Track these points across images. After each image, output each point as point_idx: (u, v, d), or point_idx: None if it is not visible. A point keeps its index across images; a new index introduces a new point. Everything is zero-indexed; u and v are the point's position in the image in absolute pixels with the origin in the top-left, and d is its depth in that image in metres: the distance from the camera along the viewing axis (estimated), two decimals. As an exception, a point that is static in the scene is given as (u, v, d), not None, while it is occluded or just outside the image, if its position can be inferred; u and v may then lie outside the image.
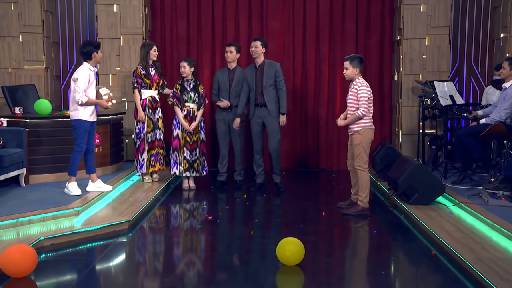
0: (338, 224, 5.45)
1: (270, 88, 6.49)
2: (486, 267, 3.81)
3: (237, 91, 6.78)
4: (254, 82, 6.55)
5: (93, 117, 5.82)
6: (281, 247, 4.05)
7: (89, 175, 6.02)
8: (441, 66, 7.99)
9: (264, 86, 6.48)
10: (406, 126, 8.11)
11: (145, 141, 6.77)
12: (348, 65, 5.51)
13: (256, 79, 6.55)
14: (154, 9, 8.57)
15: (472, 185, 6.23)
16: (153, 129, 6.82)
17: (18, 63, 8.00)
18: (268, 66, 6.55)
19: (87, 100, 5.62)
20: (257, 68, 6.57)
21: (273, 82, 6.50)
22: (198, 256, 4.64)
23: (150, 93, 6.77)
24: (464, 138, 6.28)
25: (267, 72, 6.50)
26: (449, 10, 7.98)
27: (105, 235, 4.83)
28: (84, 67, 5.69)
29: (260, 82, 6.53)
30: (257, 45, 6.48)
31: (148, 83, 6.75)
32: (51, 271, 4.01)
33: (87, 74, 5.66)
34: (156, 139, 6.85)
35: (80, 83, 5.60)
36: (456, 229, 4.79)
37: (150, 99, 6.77)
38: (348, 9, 8.40)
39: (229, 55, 6.79)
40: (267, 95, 6.49)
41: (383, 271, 4.07)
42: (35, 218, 4.95)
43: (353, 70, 5.49)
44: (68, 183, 5.79)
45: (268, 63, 6.57)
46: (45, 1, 8.00)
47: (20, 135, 6.21)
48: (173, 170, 6.68)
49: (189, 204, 6.28)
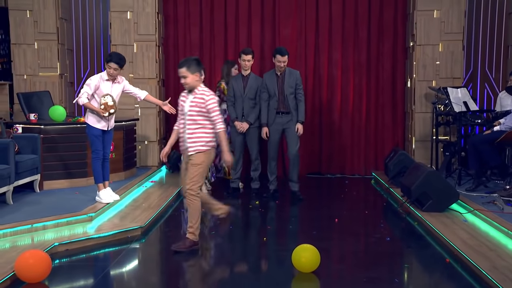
0: (351, 231, 5.43)
1: (291, 96, 6.52)
2: (502, 275, 3.76)
3: (251, 97, 6.76)
4: (276, 89, 6.54)
5: (104, 126, 5.73)
6: (297, 254, 4.04)
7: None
8: (455, 72, 7.94)
9: (285, 95, 6.50)
10: (419, 132, 8.06)
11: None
12: (185, 72, 4.52)
13: (278, 87, 6.54)
14: (167, 16, 8.63)
15: (486, 192, 6.17)
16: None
17: (33, 70, 8.09)
18: (288, 74, 6.55)
19: (85, 103, 5.56)
20: (278, 75, 6.56)
21: (293, 91, 6.52)
22: (212, 262, 4.64)
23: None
24: (479, 146, 6.23)
25: (288, 80, 6.52)
26: (463, 16, 7.94)
27: (118, 241, 4.85)
28: (98, 74, 5.73)
29: (281, 90, 6.53)
30: (285, 60, 6.47)
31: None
32: (65, 277, 4.04)
33: (95, 79, 5.62)
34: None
35: (86, 85, 5.62)
36: (471, 237, 4.75)
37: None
38: (361, 15, 8.40)
39: (247, 63, 6.74)
40: (289, 103, 6.51)
41: (397, 278, 4.04)
42: (49, 224, 4.98)
43: (193, 77, 4.54)
44: (98, 192, 5.78)
45: (288, 71, 6.57)
46: (60, 9, 8.08)
47: (34, 141, 6.26)
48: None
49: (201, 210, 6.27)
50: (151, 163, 8.29)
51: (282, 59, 6.45)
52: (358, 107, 8.53)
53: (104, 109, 5.60)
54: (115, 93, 5.72)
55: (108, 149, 5.92)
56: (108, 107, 5.61)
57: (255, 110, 6.75)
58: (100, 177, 5.75)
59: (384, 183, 7.33)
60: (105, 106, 5.60)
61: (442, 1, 7.87)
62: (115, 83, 5.73)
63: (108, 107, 5.62)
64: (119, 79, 5.77)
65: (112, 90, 5.69)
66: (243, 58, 6.75)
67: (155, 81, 8.20)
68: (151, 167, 8.19)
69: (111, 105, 5.63)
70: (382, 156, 8.30)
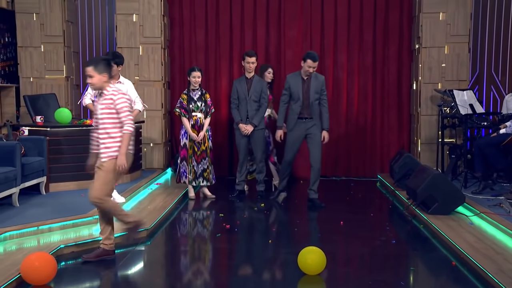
0: (357, 233, 5.41)
1: (316, 102, 6.40)
2: (508, 278, 3.75)
3: (255, 99, 6.74)
4: (300, 94, 6.39)
5: None
6: (303, 256, 4.03)
7: None
8: (461, 75, 7.92)
9: (310, 102, 6.37)
10: (425, 135, 8.04)
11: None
12: (92, 72, 4.25)
13: (303, 92, 6.40)
14: (173, 19, 8.65)
15: (493, 195, 6.15)
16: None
17: (40, 72, 8.13)
18: (314, 79, 6.42)
19: (87, 104, 5.62)
20: (304, 80, 6.42)
21: (318, 97, 6.41)
22: (217, 265, 4.64)
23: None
24: (485, 149, 6.21)
25: (314, 85, 6.38)
26: (469, 18, 7.92)
27: (123, 243, 4.85)
28: None
29: (307, 96, 6.38)
30: (315, 66, 6.32)
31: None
32: (70, 279, 4.04)
33: None
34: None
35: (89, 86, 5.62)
36: (477, 240, 4.73)
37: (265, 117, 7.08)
38: (366, 18, 8.39)
39: (251, 65, 6.70)
40: (314, 109, 6.40)
41: (403, 281, 4.03)
42: (55, 226, 5.00)
43: (101, 77, 4.26)
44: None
45: (314, 75, 6.42)
46: (67, 12, 8.12)
47: (41, 143, 6.29)
48: (183, 179, 6.71)
49: (206, 213, 6.30)
50: (157, 165, 8.30)
51: (313, 64, 6.29)
52: (363, 110, 8.52)
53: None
54: None
55: None
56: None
57: (259, 112, 6.75)
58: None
59: (390, 185, 7.31)
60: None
61: (448, 3, 7.86)
62: (116, 83, 5.70)
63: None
64: (122, 79, 5.76)
65: None
66: (247, 61, 6.71)
67: (161, 84, 8.22)
68: (156, 170, 8.20)
69: None
70: (388, 158, 8.28)
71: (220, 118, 8.56)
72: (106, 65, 4.29)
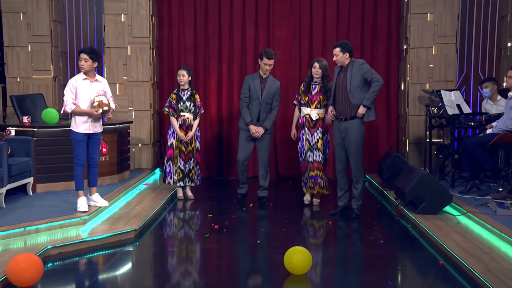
0: (345, 233, 5.43)
1: (357, 90, 5.71)
2: (495, 277, 3.78)
3: (268, 101, 6.41)
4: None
5: (87, 129, 5.51)
6: (289, 256, 4.04)
7: (89, 188, 5.78)
8: (448, 75, 7.97)
9: (349, 89, 5.71)
10: (413, 135, 8.09)
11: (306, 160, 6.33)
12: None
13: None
14: (161, 19, 8.62)
15: (479, 195, 6.19)
16: (310, 149, 6.31)
17: (27, 72, 8.06)
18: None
19: (73, 109, 5.42)
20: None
21: (360, 83, 5.71)
22: (206, 265, 4.63)
23: (307, 111, 6.31)
24: (472, 149, 6.25)
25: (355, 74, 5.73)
26: (456, 19, 7.97)
27: (111, 244, 4.83)
28: (75, 76, 5.62)
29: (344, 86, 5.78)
30: (336, 53, 5.76)
31: (306, 101, 6.32)
32: (57, 280, 4.02)
33: (71, 81, 5.49)
34: (315, 161, 6.29)
35: (64, 92, 5.49)
36: (464, 239, 4.76)
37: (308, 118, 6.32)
38: (355, 18, 8.42)
39: (268, 68, 6.34)
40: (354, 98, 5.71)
41: (390, 281, 4.05)
42: (42, 227, 4.96)
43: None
44: (77, 198, 5.60)
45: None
46: (54, 11, 8.06)
47: (28, 144, 6.24)
48: (168, 179, 6.67)
49: (195, 213, 6.28)
50: (145, 166, 8.27)
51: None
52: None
53: (98, 106, 5.45)
54: (94, 92, 5.53)
55: (95, 155, 5.67)
56: (103, 104, 5.48)
57: (271, 115, 6.46)
58: (80, 184, 5.54)
59: (378, 185, 7.34)
60: (100, 103, 5.45)
61: (436, 4, 7.91)
62: (93, 82, 5.56)
63: (103, 104, 5.49)
64: (98, 78, 5.65)
65: (90, 89, 5.52)
66: (264, 62, 6.31)
67: (149, 84, 8.19)
68: (144, 170, 8.17)
69: (106, 103, 5.52)
70: (376, 158, 8.31)
71: (210, 119, 8.55)
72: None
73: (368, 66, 5.74)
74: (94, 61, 5.49)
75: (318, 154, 6.24)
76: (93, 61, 5.48)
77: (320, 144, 6.26)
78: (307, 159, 6.28)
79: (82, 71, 5.50)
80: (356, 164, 5.85)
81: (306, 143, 6.28)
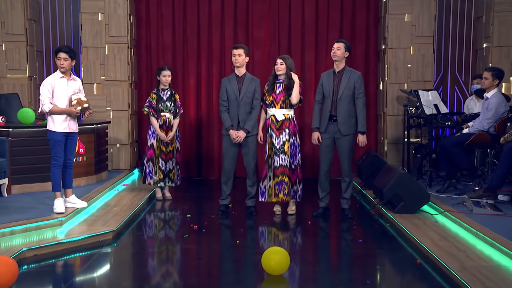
0: (324, 233, 5.45)
1: (346, 99, 5.63)
2: (470, 275, 3.82)
3: (247, 101, 5.90)
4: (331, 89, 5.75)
5: (67, 128, 5.43)
6: (266, 256, 4.03)
7: (64, 189, 5.68)
8: (426, 75, 8.06)
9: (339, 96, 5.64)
10: (391, 135, 8.15)
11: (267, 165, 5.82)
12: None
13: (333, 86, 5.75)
14: (139, 18, 8.55)
15: (456, 194, 6.26)
16: (275, 153, 5.80)
17: (1, 71, 7.92)
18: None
19: (51, 108, 5.33)
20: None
21: (350, 93, 5.64)
22: (185, 266, 4.60)
23: (272, 111, 5.84)
24: (449, 148, 6.32)
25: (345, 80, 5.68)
26: (433, 20, 8.06)
27: (89, 246, 4.77)
28: (51, 75, 5.55)
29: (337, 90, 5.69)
30: (340, 47, 5.65)
31: (271, 100, 5.85)
32: (33, 283, 3.95)
33: (48, 80, 5.41)
34: (281, 165, 5.78)
35: (41, 92, 5.39)
36: (441, 238, 4.81)
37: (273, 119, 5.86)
38: (333, 18, 8.46)
39: (237, 58, 5.82)
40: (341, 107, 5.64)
41: (369, 280, 4.06)
42: (17, 228, 4.87)
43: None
44: (54, 199, 5.49)
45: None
46: (29, 10, 7.93)
47: (2, 144, 6.13)
48: (148, 180, 6.61)
49: (174, 214, 6.24)
50: (123, 166, 8.20)
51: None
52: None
53: (77, 104, 5.37)
54: (71, 91, 5.45)
55: (72, 156, 5.60)
56: (82, 102, 5.41)
57: (252, 116, 5.90)
58: (57, 185, 5.46)
59: (357, 185, 7.38)
60: (78, 101, 5.37)
61: (413, 5, 7.99)
62: (70, 80, 5.48)
63: (82, 102, 5.42)
64: (74, 77, 5.58)
65: (68, 88, 5.44)
66: (233, 53, 5.88)
67: (127, 84, 8.12)
68: (123, 170, 8.10)
69: (84, 100, 5.46)
70: (355, 158, 8.34)
71: (189, 119, 8.51)
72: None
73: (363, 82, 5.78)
74: (72, 59, 5.45)
75: (284, 158, 5.73)
76: (71, 59, 5.43)
77: (286, 147, 5.75)
78: (269, 164, 5.79)
79: (61, 70, 5.42)
80: (348, 164, 5.81)
81: (270, 147, 5.79)
